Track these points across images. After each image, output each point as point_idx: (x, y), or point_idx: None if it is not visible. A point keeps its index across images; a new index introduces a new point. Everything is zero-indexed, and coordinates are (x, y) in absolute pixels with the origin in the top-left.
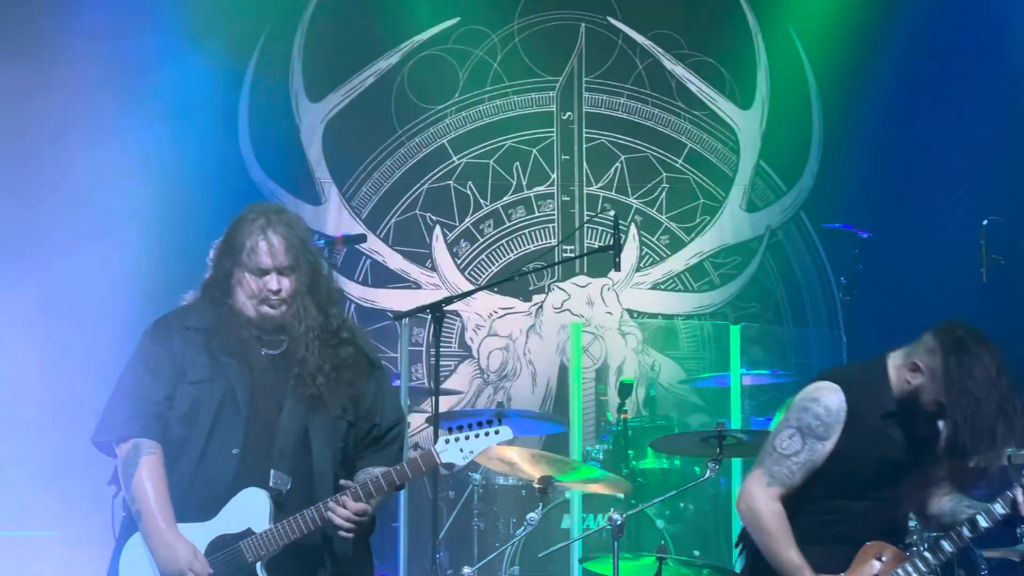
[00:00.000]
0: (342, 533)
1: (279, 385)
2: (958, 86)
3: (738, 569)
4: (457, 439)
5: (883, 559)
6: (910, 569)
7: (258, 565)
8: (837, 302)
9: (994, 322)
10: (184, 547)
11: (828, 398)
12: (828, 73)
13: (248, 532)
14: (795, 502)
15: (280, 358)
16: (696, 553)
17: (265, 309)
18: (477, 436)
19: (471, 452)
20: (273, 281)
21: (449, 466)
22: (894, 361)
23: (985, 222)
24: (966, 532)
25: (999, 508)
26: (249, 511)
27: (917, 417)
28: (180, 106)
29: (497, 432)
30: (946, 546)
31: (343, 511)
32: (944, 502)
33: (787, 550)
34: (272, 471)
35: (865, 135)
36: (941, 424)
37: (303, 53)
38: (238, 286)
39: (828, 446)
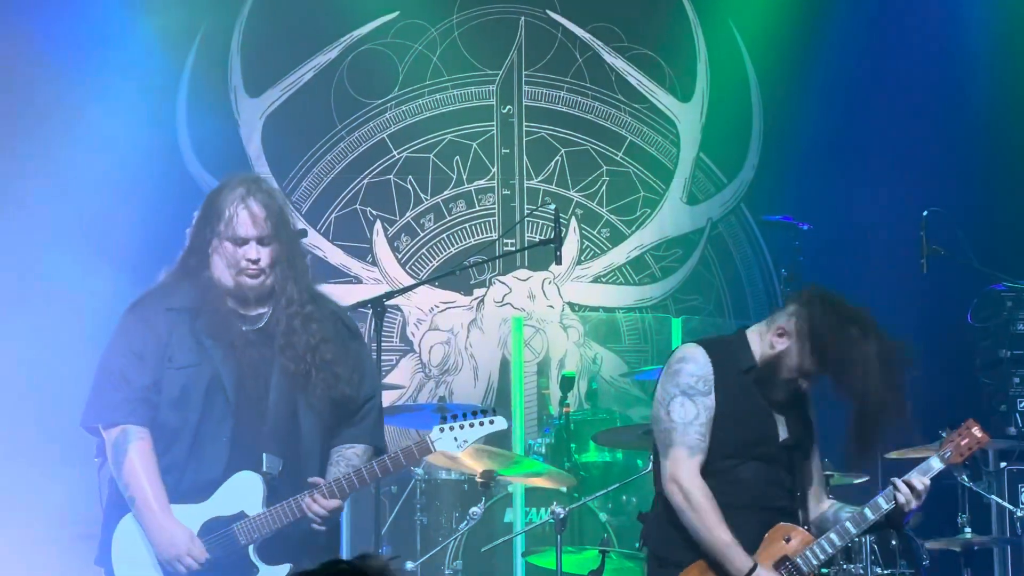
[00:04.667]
0: (314, 526)
1: (263, 363)
2: (898, 77)
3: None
4: (452, 427)
5: (790, 540)
6: (817, 551)
7: (250, 548)
8: (778, 294)
9: (934, 312)
10: (181, 531)
11: (692, 354)
12: (768, 65)
13: (241, 515)
14: None
15: (261, 333)
16: (638, 546)
17: (244, 279)
18: (472, 425)
19: (465, 441)
20: (252, 250)
21: (447, 455)
22: (754, 331)
23: (925, 213)
24: (868, 514)
25: (882, 502)
26: (243, 494)
27: (774, 383)
28: (117, 100)
29: (492, 422)
30: (851, 527)
31: (318, 508)
32: (824, 508)
33: (718, 528)
34: (265, 455)
35: (805, 126)
36: (804, 385)
37: (242, 48)
38: (216, 256)
39: (712, 398)
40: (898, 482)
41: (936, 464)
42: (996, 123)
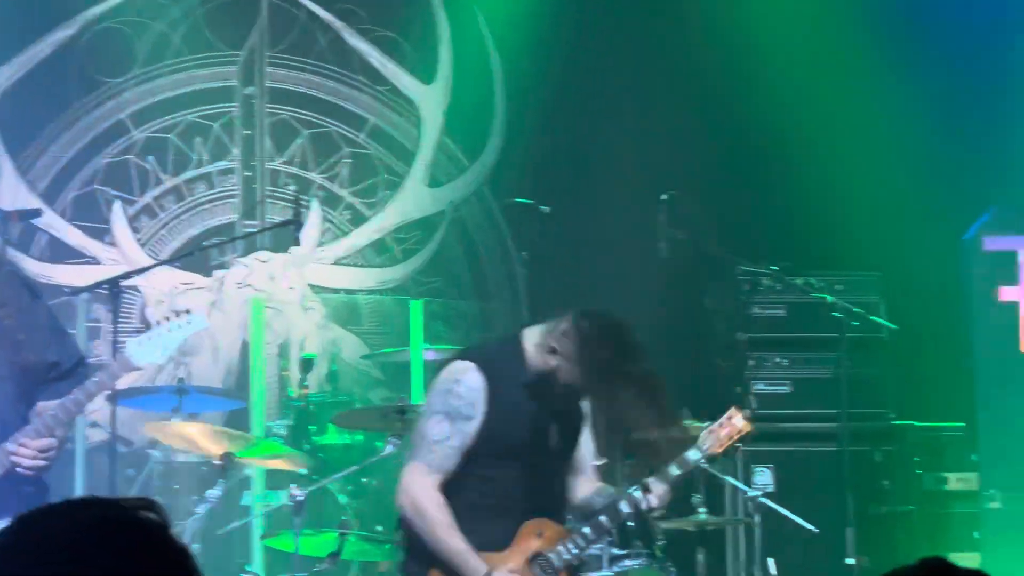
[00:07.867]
0: (30, 473)
1: None
2: (638, 62)
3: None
4: (150, 337)
5: (543, 535)
6: (570, 546)
7: None
8: (519, 277)
9: (673, 295)
10: None
11: (467, 378)
12: (512, 48)
13: None
14: (449, 481)
15: None
16: (379, 528)
17: None
18: (170, 330)
19: (167, 347)
20: None
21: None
22: (531, 338)
23: (664, 196)
24: (623, 508)
25: (625, 507)
26: None
27: (555, 392)
28: None
29: (190, 322)
30: (604, 521)
31: (28, 452)
32: (586, 490)
33: (451, 538)
34: None
35: (548, 110)
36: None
37: None
38: None
39: (475, 424)
40: (648, 487)
41: (693, 456)
42: (736, 108)
